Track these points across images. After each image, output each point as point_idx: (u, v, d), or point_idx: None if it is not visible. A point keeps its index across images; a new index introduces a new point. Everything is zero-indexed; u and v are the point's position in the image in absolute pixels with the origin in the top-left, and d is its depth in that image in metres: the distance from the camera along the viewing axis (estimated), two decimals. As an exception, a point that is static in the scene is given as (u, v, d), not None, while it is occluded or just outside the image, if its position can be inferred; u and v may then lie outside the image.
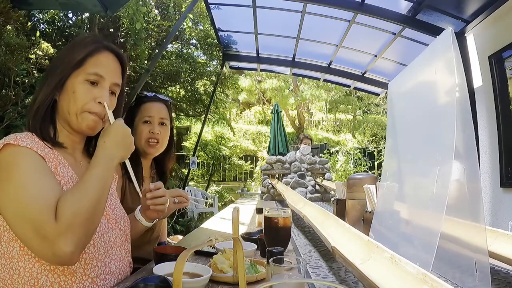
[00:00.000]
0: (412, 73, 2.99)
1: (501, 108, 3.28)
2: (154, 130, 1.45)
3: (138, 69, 5.65)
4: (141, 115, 1.47)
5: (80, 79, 0.91)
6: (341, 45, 4.90)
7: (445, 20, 3.71)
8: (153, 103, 1.50)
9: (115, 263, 0.94)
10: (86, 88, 0.92)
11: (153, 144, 1.46)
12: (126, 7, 4.78)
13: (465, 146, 1.84)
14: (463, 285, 1.71)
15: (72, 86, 0.91)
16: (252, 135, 16.85)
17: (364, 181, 2.81)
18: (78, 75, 0.91)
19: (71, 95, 0.91)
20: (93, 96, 0.92)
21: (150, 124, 1.46)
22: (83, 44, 0.94)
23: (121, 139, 0.90)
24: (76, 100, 0.91)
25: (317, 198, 6.22)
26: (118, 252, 0.96)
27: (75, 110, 0.91)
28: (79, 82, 0.91)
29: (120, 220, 1.02)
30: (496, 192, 3.34)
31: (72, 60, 0.91)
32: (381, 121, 15.86)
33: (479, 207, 1.78)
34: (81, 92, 0.91)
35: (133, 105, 1.53)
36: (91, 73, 0.92)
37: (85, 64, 0.92)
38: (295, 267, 0.82)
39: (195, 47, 7.54)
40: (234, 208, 0.82)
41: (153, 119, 1.47)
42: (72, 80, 0.91)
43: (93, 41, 0.95)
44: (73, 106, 0.91)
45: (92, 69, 0.92)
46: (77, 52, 0.92)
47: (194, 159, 6.96)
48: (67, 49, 0.96)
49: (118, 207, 1.05)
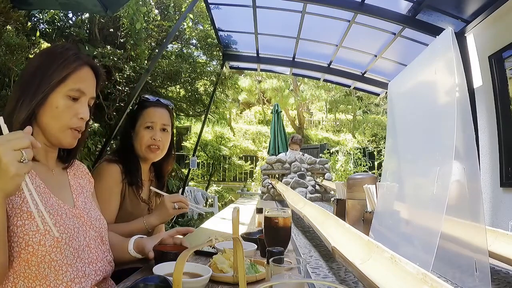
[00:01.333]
0: (412, 73, 2.99)
1: (501, 108, 3.28)
2: (156, 136, 1.45)
3: (138, 69, 5.65)
4: (143, 120, 1.47)
5: (62, 94, 0.91)
6: (341, 45, 4.90)
7: (445, 20, 3.71)
8: (156, 108, 1.49)
9: (89, 265, 0.93)
10: (68, 104, 0.91)
11: (154, 149, 1.46)
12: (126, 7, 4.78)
13: (465, 146, 1.84)
14: (463, 285, 1.71)
15: (55, 101, 0.90)
16: (252, 135, 16.86)
17: (364, 181, 2.81)
18: (60, 91, 0.90)
19: (54, 110, 0.90)
20: (75, 112, 0.92)
21: (152, 130, 1.46)
22: (66, 60, 0.92)
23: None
24: (59, 116, 0.90)
25: (317, 198, 6.22)
26: (93, 255, 0.96)
27: (58, 127, 0.91)
28: (61, 97, 0.90)
29: (96, 222, 1.01)
30: (496, 192, 3.34)
31: (54, 75, 0.90)
32: (381, 121, 15.87)
33: (479, 207, 1.77)
34: (64, 108, 0.90)
35: (135, 109, 1.52)
36: (74, 89, 0.92)
37: (68, 80, 0.91)
38: (295, 267, 0.82)
39: (195, 47, 7.54)
40: (234, 208, 0.82)
41: (155, 125, 1.46)
42: (54, 96, 0.90)
43: (76, 58, 0.94)
44: (56, 122, 0.90)
45: (74, 85, 0.92)
46: (60, 68, 0.91)
47: (194, 159, 6.96)
48: (45, 60, 0.92)
49: (93, 210, 1.04)
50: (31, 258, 0.80)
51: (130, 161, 1.44)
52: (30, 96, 0.88)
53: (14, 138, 0.69)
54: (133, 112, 1.53)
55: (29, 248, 0.80)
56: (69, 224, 0.89)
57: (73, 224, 0.91)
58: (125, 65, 5.59)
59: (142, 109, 1.49)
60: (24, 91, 0.89)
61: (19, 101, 0.88)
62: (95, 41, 5.90)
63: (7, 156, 0.67)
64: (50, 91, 0.89)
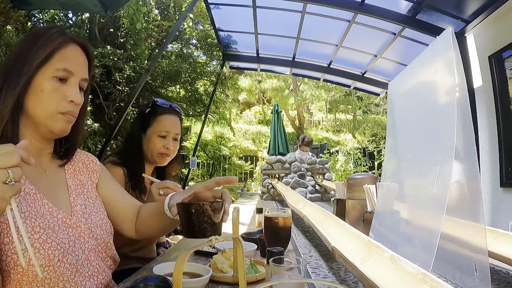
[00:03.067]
0: (412, 73, 2.99)
1: (501, 108, 3.28)
2: (169, 146, 1.46)
3: (138, 69, 5.65)
4: (157, 128, 1.46)
5: (48, 76, 0.80)
6: (341, 45, 4.90)
7: (445, 20, 3.71)
8: (170, 116, 1.49)
9: (90, 279, 0.84)
10: (54, 86, 0.81)
11: (164, 156, 1.47)
12: (126, 7, 4.78)
13: (465, 146, 1.84)
14: (463, 285, 1.71)
15: (40, 84, 0.80)
16: (252, 135, 16.86)
17: (364, 181, 2.81)
18: (45, 72, 0.80)
19: (39, 94, 0.79)
20: (63, 95, 0.81)
21: (165, 139, 1.46)
22: (49, 37, 0.82)
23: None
24: (45, 100, 0.80)
25: (317, 198, 6.22)
26: (93, 268, 0.86)
27: (45, 113, 0.80)
28: (46, 79, 0.80)
29: (96, 229, 0.90)
30: (496, 192, 3.34)
31: (37, 55, 0.80)
32: (381, 121, 15.87)
33: (479, 207, 1.78)
34: (50, 91, 0.80)
35: (147, 113, 1.50)
36: (59, 68, 0.81)
37: (52, 59, 0.81)
38: (295, 267, 0.82)
39: (195, 47, 7.54)
40: (234, 208, 0.82)
41: (170, 135, 1.47)
42: (39, 78, 0.80)
43: (59, 34, 0.84)
44: (42, 107, 0.80)
45: (60, 64, 0.81)
46: (43, 47, 0.80)
47: (194, 159, 6.96)
48: (27, 43, 0.82)
49: (95, 213, 0.92)
50: (22, 278, 0.72)
51: (135, 165, 1.42)
52: (13, 83, 0.78)
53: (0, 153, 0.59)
54: (144, 115, 1.50)
55: (18, 268, 0.71)
56: (62, 238, 0.79)
57: (68, 237, 0.81)
58: (125, 65, 5.59)
59: (156, 115, 1.47)
60: (6, 79, 0.79)
61: (1, 92, 0.78)
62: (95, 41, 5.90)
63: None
64: (33, 74, 0.79)
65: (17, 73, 0.79)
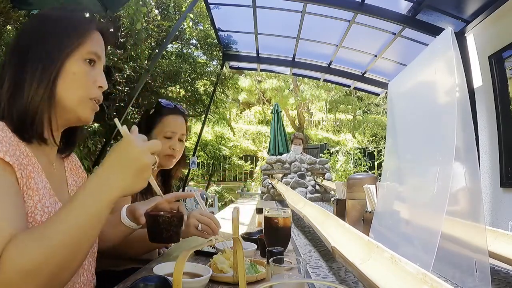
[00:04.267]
0: (412, 73, 2.99)
1: (501, 108, 3.28)
2: (175, 147, 1.43)
3: (138, 69, 5.64)
4: (163, 128, 1.43)
5: (80, 58, 0.77)
6: (341, 45, 4.90)
7: (445, 20, 3.71)
8: (176, 116, 1.46)
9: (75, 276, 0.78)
10: (86, 70, 0.77)
11: (170, 158, 1.44)
12: (126, 7, 4.78)
13: (465, 146, 1.84)
14: (463, 285, 1.71)
15: (73, 67, 0.75)
16: (252, 135, 16.86)
17: (364, 181, 2.81)
18: (78, 54, 0.76)
19: (71, 77, 0.75)
20: (93, 79, 0.78)
21: (171, 140, 1.43)
22: (80, 22, 0.79)
23: (129, 162, 0.64)
24: (78, 83, 0.76)
25: (317, 198, 6.22)
26: (84, 277, 0.81)
27: (77, 97, 0.76)
28: (79, 61, 0.76)
29: None
30: (496, 192, 3.34)
31: (72, 39, 0.76)
32: (381, 121, 15.87)
33: (479, 207, 1.78)
34: (82, 74, 0.76)
35: (152, 114, 1.47)
36: (91, 51, 0.78)
37: (86, 42, 0.78)
38: (295, 267, 0.82)
39: (195, 47, 7.54)
40: (234, 208, 0.82)
41: (176, 135, 1.44)
42: (72, 61, 0.76)
43: (90, 20, 0.81)
44: (74, 91, 0.76)
45: (92, 47, 0.78)
46: (76, 31, 0.77)
47: (194, 159, 6.96)
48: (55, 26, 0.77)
49: None
50: None
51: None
52: (41, 66, 0.72)
53: (148, 140, 0.67)
54: (149, 116, 1.48)
55: None
56: None
57: None
58: (125, 65, 5.59)
59: (161, 116, 1.45)
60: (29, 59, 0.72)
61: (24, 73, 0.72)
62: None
63: (147, 158, 0.65)
64: (66, 56, 0.74)
65: (46, 54, 0.73)
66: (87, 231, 0.61)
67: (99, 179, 0.63)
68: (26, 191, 0.66)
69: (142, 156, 0.65)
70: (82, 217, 0.60)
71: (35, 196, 0.67)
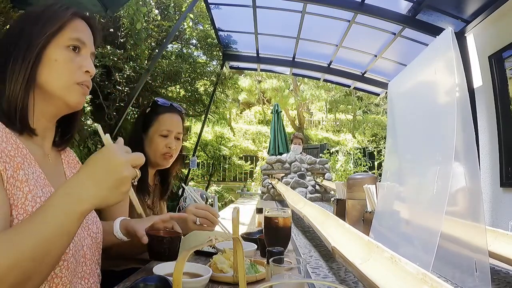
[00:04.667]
0: (412, 73, 2.99)
1: (501, 108, 3.28)
2: (172, 145, 1.42)
3: (138, 69, 5.64)
4: (159, 127, 1.42)
5: (61, 45, 0.76)
6: (341, 45, 4.90)
7: (445, 20, 3.71)
8: (172, 114, 1.45)
9: (81, 281, 0.78)
10: (69, 56, 0.77)
11: (167, 157, 1.43)
12: (126, 7, 4.78)
13: (465, 146, 1.84)
14: (463, 285, 1.71)
15: (53, 53, 0.75)
16: (252, 135, 16.86)
17: (364, 181, 2.81)
18: (58, 42, 0.76)
19: (54, 64, 0.75)
20: (78, 65, 0.78)
21: (167, 138, 1.42)
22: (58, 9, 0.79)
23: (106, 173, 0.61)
24: (61, 69, 0.76)
25: (317, 198, 6.22)
26: (87, 267, 0.81)
27: (62, 83, 0.76)
28: (60, 48, 0.76)
29: (92, 226, 0.85)
30: (496, 192, 3.34)
31: (48, 25, 0.76)
32: (381, 121, 15.86)
33: (479, 207, 1.78)
34: (64, 60, 0.76)
35: (148, 113, 1.47)
36: (73, 37, 0.78)
37: (65, 29, 0.77)
38: (295, 267, 0.82)
39: (195, 47, 7.54)
40: (234, 208, 0.82)
41: (172, 134, 1.43)
42: (52, 48, 0.76)
43: (66, 8, 0.81)
44: (58, 77, 0.76)
45: (73, 34, 0.78)
46: (54, 18, 0.77)
47: (194, 159, 6.97)
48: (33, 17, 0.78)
49: None
50: None
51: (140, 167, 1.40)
52: (23, 56, 0.73)
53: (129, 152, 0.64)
54: (145, 115, 1.47)
55: None
56: None
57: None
58: (125, 65, 5.58)
59: (157, 114, 1.44)
60: (11, 54, 0.73)
61: (6, 68, 0.72)
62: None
63: (127, 171, 0.61)
64: (45, 44, 0.75)
65: (26, 45, 0.74)
66: (55, 243, 0.58)
67: (69, 189, 0.60)
68: (14, 182, 0.65)
69: (121, 169, 0.61)
70: (48, 230, 0.57)
71: (24, 187, 0.66)
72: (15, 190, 0.65)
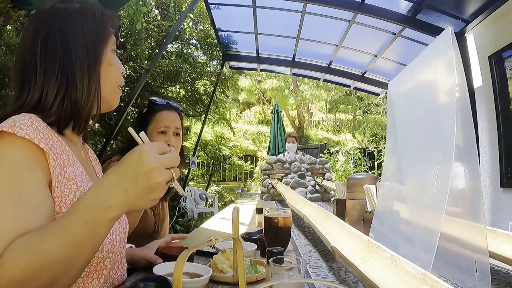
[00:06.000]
0: (412, 73, 2.99)
1: (501, 108, 3.28)
2: (171, 141, 1.43)
3: (138, 69, 5.64)
4: (156, 125, 1.44)
5: (111, 49, 0.78)
6: (341, 45, 4.90)
7: (445, 20, 3.71)
8: (169, 112, 1.47)
9: (116, 272, 0.81)
10: (116, 59, 0.80)
11: None
12: (126, 7, 4.77)
13: (465, 146, 1.84)
14: (463, 285, 1.71)
15: (108, 58, 0.77)
16: (252, 135, 16.86)
17: (364, 181, 2.81)
18: (110, 46, 0.78)
19: (109, 68, 0.77)
20: (118, 67, 0.81)
21: (166, 135, 1.43)
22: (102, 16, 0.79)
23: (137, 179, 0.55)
24: (113, 73, 0.78)
25: (317, 198, 6.22)
26: (123, 259, 0.84)
27: (111, 86, 0.78)
28: (110, 52, 0.78)
29: (122, 220, 0.85)
30: (496, 192, 3.34)
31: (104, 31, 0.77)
32: (381, 121, 15.86)
33: (479, 207, 1.77)
34: (116, 64, 0.79)
35: (145, 112, 1.49)
36: (114, 41, 0.80)
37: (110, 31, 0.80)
38: (295, 267, 0.82)
39: (195, 47, 7.53)
40: (234, 208, 0.82)
41: (169, 130, 1.44)
42: (107, 53, 0.78)
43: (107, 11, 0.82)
44: (110, 81, 0.78)
45: (112, 38, 0.80)
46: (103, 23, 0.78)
47: (194, 159, 6.96)
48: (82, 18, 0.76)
49: None
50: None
51: None
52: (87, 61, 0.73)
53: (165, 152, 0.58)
54: (143, 115, 1.49)
55: None
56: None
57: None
58: (125, 65, 5.58)
59: (154, 113, 1.46)
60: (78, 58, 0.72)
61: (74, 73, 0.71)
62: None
63: (160, 176, 0.55)
64: (104, 49, 0.77)
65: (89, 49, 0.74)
66: (82, 248, 0.57)
67: (98, 195, 0.56)
68: (62, 180, 0.65)
69: (153, 174, 0.55)
70: (76, 236, 0.55)
71: (72, 185, 0.66)
72: (63, 187, 0.65)
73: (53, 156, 0.64)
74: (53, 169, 0.63)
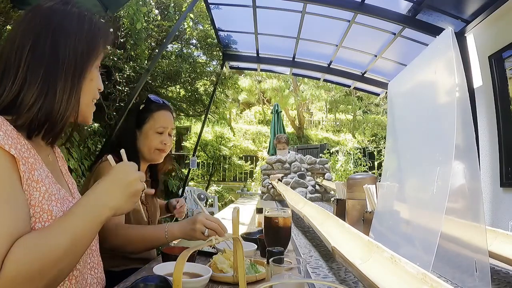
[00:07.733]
0: (412, 73, 2.99)
1: (501, 108, 3.28)
2: (166, 141, 1.49)
3: (138, 69, 5.64)
4: (154, 124, 1.48)
5: (96, 65, 0.81)
6: (341, 45, 4.90)
7: (445, 20, 3.71)
8: (165, 112, 1.52)
9: (91, 271, 0.83)
10: (98, 76, 0.83)
11: (162, 152, 1.51)
12: (126, 7, 4.78)
13: (465, 146, 1.84)
14: (463, 285, 1.71)
15: (91, 74, 0.79)
16: (252, 135, 16.87)
17: (364, 181, 2.81)
18: (95, 62, 0.81)
19: (89, 84, 0.79)
20: (99, 83, 0.83)
21: (162, 135, 1.49)
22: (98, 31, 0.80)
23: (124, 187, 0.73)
24: (92, 88, 0.81)
25: (317, 198, 6.22)
26: (94, 258, 0.86)
27: (87, 101, 0.80)
28: (95, 69, 0.81)
29: None
30: (496, 192, 3.34)
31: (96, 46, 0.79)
32: (381, 121, 15.86)
33: (479, 207, 1.77)
34: (96, 80, 0.81)
35: (142, 109, 1.52)
36: (102, 57, 0.83)
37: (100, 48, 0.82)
38: (295, 267, 0.82)
39: (195, 47, 7.54)
40: (234, 208, 0.82)
41: (166, 130, 1.50)
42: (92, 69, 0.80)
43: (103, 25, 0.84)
44: (88, 96, 0.80)
45: (103, 53, 0.82)
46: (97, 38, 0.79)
47: (194, 159, 6.96)
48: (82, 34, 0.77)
49: None
50: None
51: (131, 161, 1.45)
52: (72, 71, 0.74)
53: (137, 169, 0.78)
54: (139, 111, 1.52)
55: None
56: None
57: None
58: (125, 65, 5.58)
59: (151, 112, 1.49)
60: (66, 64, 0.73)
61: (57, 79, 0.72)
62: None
63: (140, 185, 0.76)
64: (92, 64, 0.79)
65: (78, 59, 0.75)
66: (83, 241, 0.68)
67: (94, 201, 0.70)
68: (31, 183, 0.67)
69: (137, 183, 0.76)
70: (79, 230, 0.66)
71: (41, 187, 0.69)
72: (33, 190, 0.68)
73: (22, 161, 0.66)
74: (23, 174, 0.66)
